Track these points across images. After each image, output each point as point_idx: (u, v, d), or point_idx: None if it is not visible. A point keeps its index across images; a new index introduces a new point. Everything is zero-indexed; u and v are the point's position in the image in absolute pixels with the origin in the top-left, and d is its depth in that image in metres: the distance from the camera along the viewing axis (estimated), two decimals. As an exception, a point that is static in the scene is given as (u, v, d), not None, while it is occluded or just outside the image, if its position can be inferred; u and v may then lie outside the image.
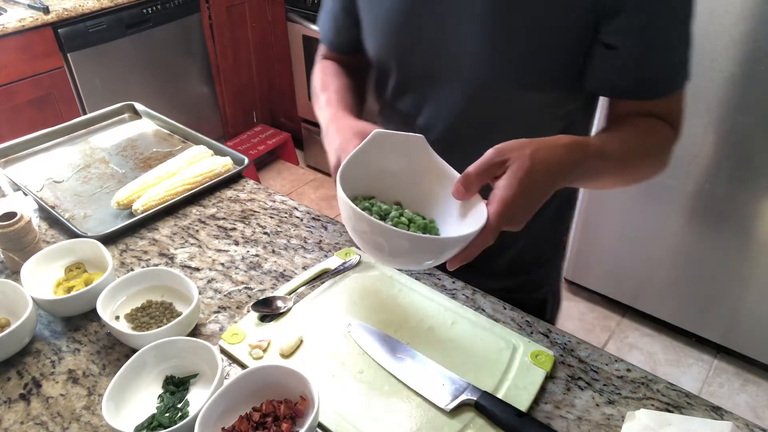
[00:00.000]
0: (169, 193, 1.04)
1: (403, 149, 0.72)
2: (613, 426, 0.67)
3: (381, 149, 0.71)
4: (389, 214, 0.69)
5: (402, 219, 0.68)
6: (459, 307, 0.82)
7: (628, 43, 0.69)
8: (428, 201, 0.73)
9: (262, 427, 0.63)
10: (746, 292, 1.85)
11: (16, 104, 2.08)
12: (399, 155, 0.72)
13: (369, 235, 0.63)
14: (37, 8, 2.04)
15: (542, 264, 0.98)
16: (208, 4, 2.58)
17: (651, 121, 0.75)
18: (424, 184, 0.73)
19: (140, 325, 0.78)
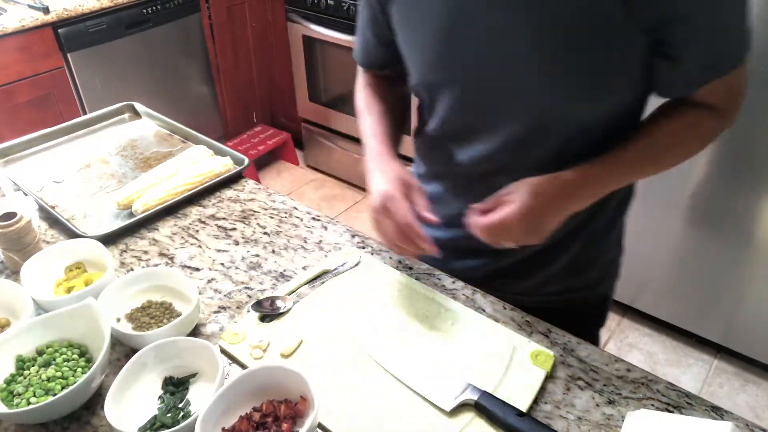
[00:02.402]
0: (169, 193, 1.04)
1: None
2: (613, 426, 0.67)
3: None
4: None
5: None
6: (459, 307, 0.82)
7: (688, 52, 0.68)
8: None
9: (262, 427, 0.63)
10: (746, 292, 1.85)
11: (16, 104, 2.08)
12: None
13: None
14: (37, 8, 2.04)
15: (602, 261, 0.96)
16: (208, 4, 2.58)
17: (694, 114, 0.75)
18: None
19: (140, 325, 0.78)
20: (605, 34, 0.67)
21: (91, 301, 0.73)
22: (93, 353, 0.74)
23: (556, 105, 0.73)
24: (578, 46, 0.68)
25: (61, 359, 0.72)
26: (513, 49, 0.71)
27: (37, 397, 0.67)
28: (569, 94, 0.72)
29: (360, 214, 2.73)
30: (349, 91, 2.62)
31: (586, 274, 0.95)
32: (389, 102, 0.94)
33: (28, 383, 0.69)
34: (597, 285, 0.98)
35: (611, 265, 0.99)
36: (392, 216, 0.75)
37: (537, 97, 0.73)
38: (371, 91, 0.95)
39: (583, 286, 0.96)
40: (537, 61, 0.70)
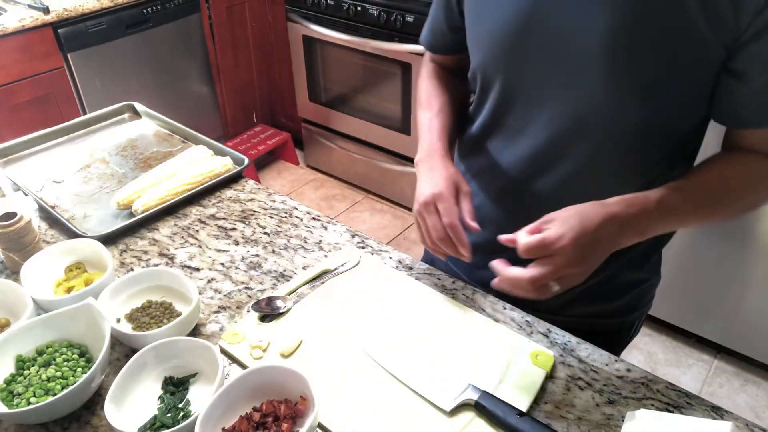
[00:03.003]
0: (169, 193, 1.04)
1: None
2: (613, 426, 0.67)
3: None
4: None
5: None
6: (459, 307, 0.82)
7: (757, 73, 0.64)
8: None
9: (262, 427, 0.63)
10: (746, 292, 1.85)
11: (16, 104, 2.08)
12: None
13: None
14: (37, 8, 2.04)
15: (634, 288, 0.91)
16: (208, 4, 2.58)
17: (745, 160, 0.71)
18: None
19: (140, 325, 0.78)
20: (685, 44, 0.64)
21: (91, 301, 0.73)
22: (93, 353, 0.74)
23: (612, 110, 0.71)
24: (653, 52, 0.66)
25: (61, 359, 0.72)
26: (583, 50, 0.69)
27: (37, 397, 0.67)
28: (628, 100, 0.70)
29: (360, 214, 2.73)
30: (349, 91, 2.63)
31: (618, 299, 0.91)
32: (452, 95, 0.93)
33: (28, 383, 0.69)
34: (629, 312, 0.94)
35: (646, 293, 0.94)
36: (439, 215, 0.75)
37: (593, 98, 0.71)
38: (435, 82, 0.94)
39: (613, 312, 0.92)
40: (605, 63, 0.68)
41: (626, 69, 0.68)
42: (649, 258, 0.90)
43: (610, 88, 0.70)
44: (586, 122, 0.74)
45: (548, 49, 0.72)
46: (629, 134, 0.73)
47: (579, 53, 0.70)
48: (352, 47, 2.42)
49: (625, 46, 0.67)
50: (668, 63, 0.66)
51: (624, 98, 0.70)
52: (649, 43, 0.66)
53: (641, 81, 0.68)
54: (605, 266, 0.79)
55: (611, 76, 0.69)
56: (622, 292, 0.90)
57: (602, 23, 0.67)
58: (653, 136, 0.74)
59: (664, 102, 0.70)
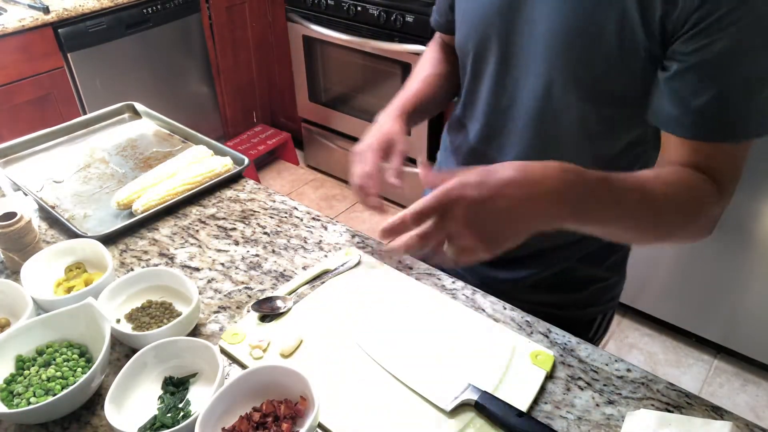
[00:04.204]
0: (169, 193, 1.04)
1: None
2: (613, 426, 0.67)
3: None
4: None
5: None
6: (459, 307, 0.82)
7: (690, 72, 0.62)
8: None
9: (262, 427, 0.63)
10: (746, 292, 1.85)
11: (16, 104, 2.08)
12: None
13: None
14: (37, 8, 2.04)
15: (596, 284, 0.92)
16: (208, 4, 2.58)
17: (692, 175, 0.66)
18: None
19: (140, 325, 0.78)
20: (624, 42, 0.66)
21: (91, 301, 0.73)
22: (93, 353, 0.74)
23: (564, 101, 0.74)
24: (595, 50, 0.68)
25: (61, 359, 0.72)
26: (535, 43, 0.72)
27: (37, 397, 0.67)
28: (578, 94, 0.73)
29: (360, 214, 2.73)
30: (349, 91, 2.63)
31: (576, 293, 0.92)
32: (442, 71, 0.96)
33: (28, 383, 0.69)
34: (586, 307, 0.95)
35: (606, 291, 0.94)
36: (361, 166, 0.81)
37: (546, 88, 0.74)
38: (431, 55, 0.99)
39: (570, 304, 0.93)
40: (553, 57, 0.71)
41: (570, 64, 0.71)
42: (610, 256, 0.92)
43: (559, 80, 0.72)
44: (543, 108, 0.76)
45: (508, 36, 0.76)
46: (587, 124, 0.76)
47: (532, 45, 0.73)
48: (352, 47, 2.42)
49: (569, 42, 0.69)
50: (609, 60, 0.68)
51: (573, 92, 0.73)
52: (591, 41, 0.68)
53: (585, 76, 0.71)
54: (563, 259, 0.85)
55: (559, 70, 0.72)
56: (579, 286, 0.92)
57: (550, 19, 0.70)
58: (610, 127, 0.76)
59: (611, 97, 0.72)
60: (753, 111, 0.63)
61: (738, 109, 0.63)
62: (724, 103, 0.62)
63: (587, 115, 0.75)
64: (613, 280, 0.95)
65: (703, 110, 0.63)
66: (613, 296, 0.97)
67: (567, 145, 0.78)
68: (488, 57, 0.80)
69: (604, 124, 0.76)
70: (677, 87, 0.65)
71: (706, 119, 0.64)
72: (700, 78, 0.63)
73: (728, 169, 0.67)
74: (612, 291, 0.96)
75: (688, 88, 0.64)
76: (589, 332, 0.98)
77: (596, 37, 0.67)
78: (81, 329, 0.74)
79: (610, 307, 0.98)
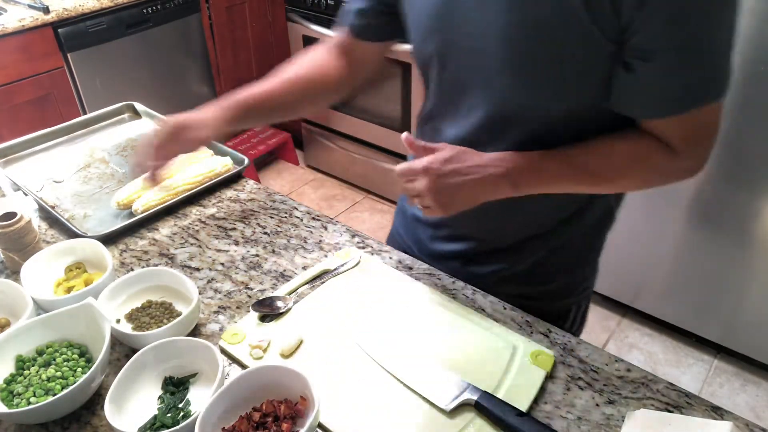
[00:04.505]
0: (169, 193, 1.04)
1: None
2: (613, 426, 0.67)
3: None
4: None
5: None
6: (459, 307, 0.82)
7: (644, 65, 0.65)
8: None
9: (262, 427, 0.63)
10: (746, 292, 1.85)
11: (16, 104, 2.08)
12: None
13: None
14: (37, 8, 2.03)
15: (566, 275, 0.94)
16: (208, 4, 2.58)
17: (646, 145, 0.72)
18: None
19: (140, 325, 0.78)
20: (575, 40, 0.66)
21: (91, 301, 0.73)
22: (93, 353, 0.74)
23: (521, 101, 0.74)
24: (547, 49, 0.68)
25: (61, 359, 0.72)
26: (489, 45, 0.72)
27: (37, 397, 0.67)
28: (533, 93, 0.73)
29: (360, 214, 2.73)
30: (349, 91, 2.63)
31: (546, 285, 0.93)
32: (316, 75, 0.94)
33: (28, 383, 0.69)
34: (555, 299, 0.96)
35: (577, 284, 0.96)
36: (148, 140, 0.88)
37: (503, 90, 0.75)
38: (316, 56, 0.96)
39: (539, 295, 0.94)
40: (507, 58, 0.71)
41: (525, 64, 0.71)
42: (580, 248, 0.93)
43: (516, 81, 0.73)
44: (503, 110, 0.77)
45: (461, 42, 0.75)
46: (547, 122, 0.76)
47: (486, 48, 0.73)
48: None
49: (522, 42, 0.69)
50: (563, 58, 0.68)
51: (529, 91, 0.73)
52: (543, 40, 0.68)
53: (540, 75, 0.71)
54: (537, 247, 0.89)
55: (513, 70, 0.72)
56: (551, 278, 0.93)
57: (502, 20, 0.69)
58: (570, 124, 0.76)
59: (567, 94, 0.72)
60: (711, 75, 0.65)
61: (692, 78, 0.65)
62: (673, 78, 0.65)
63: (549, 110, 0.76)
64: (585, 272, 0.97)
65: (661, 96, 0.68)
66: (585, 287, 0.98)
67: (534, 143, 0.79)
68: (443, 61, 0.80)
69: (560, 119, 0.77)
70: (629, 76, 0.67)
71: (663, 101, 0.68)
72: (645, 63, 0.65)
73: (693, 138, 0.71)
74: (584, 283, 0.98)
75: (647, 81, 0.66)
76: (565, 325, 0.99)
77: (543, 34, 0.68)
78: (81, 329, 0.74)
79: (584, 298, 1.00)
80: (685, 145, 0.71)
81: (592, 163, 0.74)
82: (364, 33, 0.92)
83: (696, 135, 0.71)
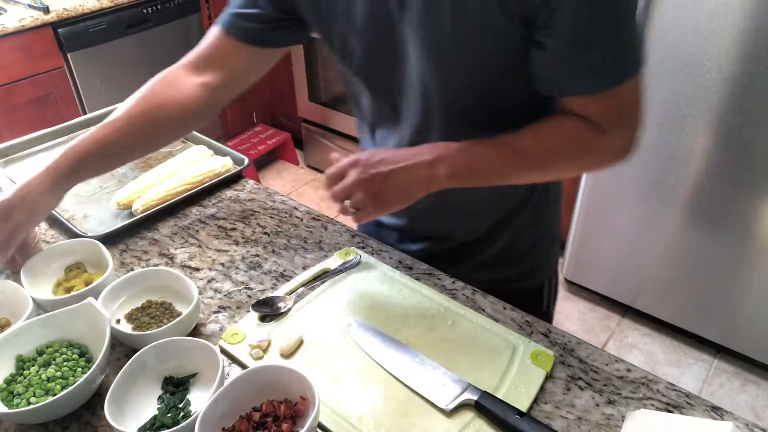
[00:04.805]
0: (169, 193, 1.04)
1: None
2: (613, 426, 0.67)
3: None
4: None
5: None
6: (459, 307, 0.82)
7: (554, 43, 0.67)
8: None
9: (262, 427, 0.63)
10: (746, 292, 1.85)
11: (16, 104, 2.08)
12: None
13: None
14: (37, 8, 2.04)
15: (532, 254, 0.98)
16: (208, 4, 2.58)
17: (573, 122, 0.73)
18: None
19: (140, 325, 0.78)
20: (487, 28, 0.67)
21: (91, 301, 0.73)
22: (93, 353, 0.74)
23: (447, 94, 0.76)
24: (461, 39, 0.69)
25: (61, 359, 0.72)
26: (405, 43, 0.73)
27: (37, 397, 0.67)
28: (455, 85, 0.74)
29: (360, 214, 2.73)
30: (349, 91, 2.63)
31: (517, 266, 0.97)
32: (160, 109, 0.88)
33: (28, 383, 0.69)
34: (529, 276, 1.00)
35: (543, 256, 1.00)
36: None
37: (427, 86, 0.76)
38: (160, 85, 0.90)
39: (514, 277, 0.98)
40: (424, 53, 0.72)
41: (441, 56, 0.72)
42: (536, 225, 0.95)
43: (439, 76, 0.74)
44: (433, 107, 0.78)
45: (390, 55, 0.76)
46: (477, 113, 0.77)
47: (407, 43, 0.74)
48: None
49: (435, 36, 0.70)
50: (478, 47, 0.70)
51: (450, 83, 0.75)
52: (455, 31, 0.69)
53: (458, 66, 0.72)
54: (498, 237, 0.93)
55: (431, 63, 0.73)
56: (520, 258, 0.97)
57: (419, 12, 0.70)
58: (501, 110, 0.78)
59: (488, 82, 0.74)
60: (619, 55, 0.67)
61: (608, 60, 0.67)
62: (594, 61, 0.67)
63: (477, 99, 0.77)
64: (549, 244, 1.00)
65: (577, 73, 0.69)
66: (550, 259, 1.02)
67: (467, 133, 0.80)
68: (374, 71, 0.81)
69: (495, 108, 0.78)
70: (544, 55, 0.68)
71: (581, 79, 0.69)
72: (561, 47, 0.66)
73: (614, 116, 0.72)
74: (550, 255, 1.01)
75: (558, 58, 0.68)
76: (541, 301, 1.03)
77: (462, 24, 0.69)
78: (81, 329, 0.74)
79: (552, 268, 1.04)
80: (611, 124, 0.72)
81: (526, 145, 0.74)
82: (251, 37, 0.85)
83: (620, 112, 0.72)
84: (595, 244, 2.13)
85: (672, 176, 1.82)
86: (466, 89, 0.75)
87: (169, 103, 0.89)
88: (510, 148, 0.74)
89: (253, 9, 0.83)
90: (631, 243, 2.03)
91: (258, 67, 0.92)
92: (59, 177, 0.82)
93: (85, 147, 0.84)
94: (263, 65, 0.92)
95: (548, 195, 0.94)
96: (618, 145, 0.74)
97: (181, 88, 0.89)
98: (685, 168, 1.78)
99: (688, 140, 1.73)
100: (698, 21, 1.58)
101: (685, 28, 1.61)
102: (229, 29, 0.86)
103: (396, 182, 0.73)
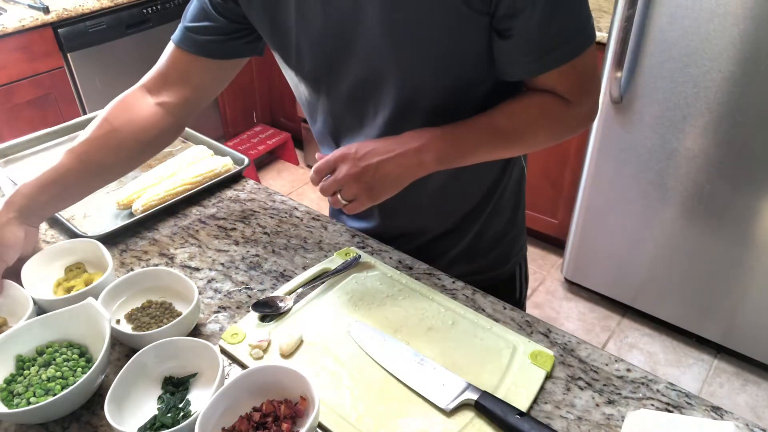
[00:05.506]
0: (169, 193, 1.04)
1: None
2: (613, 426, 0.67)
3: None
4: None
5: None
6: (459, 307, 0.82)
7: (515, 29, 0.70)
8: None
9: (262, 427, 0.63)
10: (746, 292, 1.85)
11: (16, 104, 2.08)
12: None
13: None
14: (37, 8, 2.04)
15: (502, 242, 1.01)
16: (208, 4, 2.58)
17: (540, 97, 0.78)
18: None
19: (140, 325, 0.78)
20: (451, 19, 0.70)
21: (91, 301, 0.73)
22: (93, 353, 0.74)
23: (418, 87, 0.77)
24: (427, 31, 0.71)
25: (61, 359, 0.72)
26: (372, 40, 0.74)
27: (37, 397, 0.67)
28: (425, 77, 0.76)
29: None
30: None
31: (488, 255, 1.01)
32: (123, 124, 0.86)
33: (28, 383, 0.69)
34: (501, 266, 1.03)
35: (513, 244, 1.04)
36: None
37: (398, 82, 0.77)
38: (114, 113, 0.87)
39: (488, 267, 1.02)
40: (392, 48, 0.74)
41: (409, 49, 0.73)
42: (502, 215, 0.99)
43: (408, 70, 0.76)
44: (405, 104, 0.79)
45: (356, 54, 0.77)
46: (444, 103, 0.79)
47: (368, 44, 0.74)
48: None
49: (401, 29, 0.72)
50: (442, 37, 0.72)
51: (420, 76, 0.76)
52: (421, 24, 0.71)
53: (427, 57, 0.74)
54: (466, 230, 0.96)
55: (399, 57, 0.74)
56: (491, 246, 1.00)
57: (379, 13, 0.71)
58: (470, 98, 0.80)
59: (456, 72, 0.76)
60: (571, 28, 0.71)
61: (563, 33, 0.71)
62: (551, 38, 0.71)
63: (446, 89, 0.78)
64: (516, 232, 1.03)
65: (535, 54, 0.73)
66: (520, 247, 1.06)
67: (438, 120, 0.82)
68: (339, 76, 0.81)
69: (462, 95, 0.80)
70: (505, 42, 0.72)
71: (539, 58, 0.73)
72: (523, 30, 0.70)
73: (576, 86, 0.77)
74: (518, 243, 1.05)
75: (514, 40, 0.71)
76: (514, 288, 1.08)
77: (427, 16, 0.70)
78: (81, 329, 0.74)
79: (522, 258, 1.08)
80: (576, 93, 0.77)
81: (503, 123, 0.78)
82: (206, 50, 0.85)
83: (581, 82, 0.77)
84: (595, 244, 2.13)
85: (672, 176, 1.82)
86: (428, 83, 0.77)
87: (126, 128, 0.87)
88: (491, 128, 0.78)
89: (205, 22, 0.83)
90: (631, 243, 2.03)
91: (217, 80, 0.91)
92: (19, 210, 0.82)
93: (43, 178, 0.84)
94: (222, 78, 0.91)
95: (512, 183, 0.97)
96: (584, 112, 0.80)
97: (138, 110, 0.88)
98: (685, 168, 1.78)
99: (688, 140, 1.73)
100: (698, 21, 1.58)
101: (685, 28, 1.61)
102: (183, 44, 0.85)
103: (387, 172, 0.75)
